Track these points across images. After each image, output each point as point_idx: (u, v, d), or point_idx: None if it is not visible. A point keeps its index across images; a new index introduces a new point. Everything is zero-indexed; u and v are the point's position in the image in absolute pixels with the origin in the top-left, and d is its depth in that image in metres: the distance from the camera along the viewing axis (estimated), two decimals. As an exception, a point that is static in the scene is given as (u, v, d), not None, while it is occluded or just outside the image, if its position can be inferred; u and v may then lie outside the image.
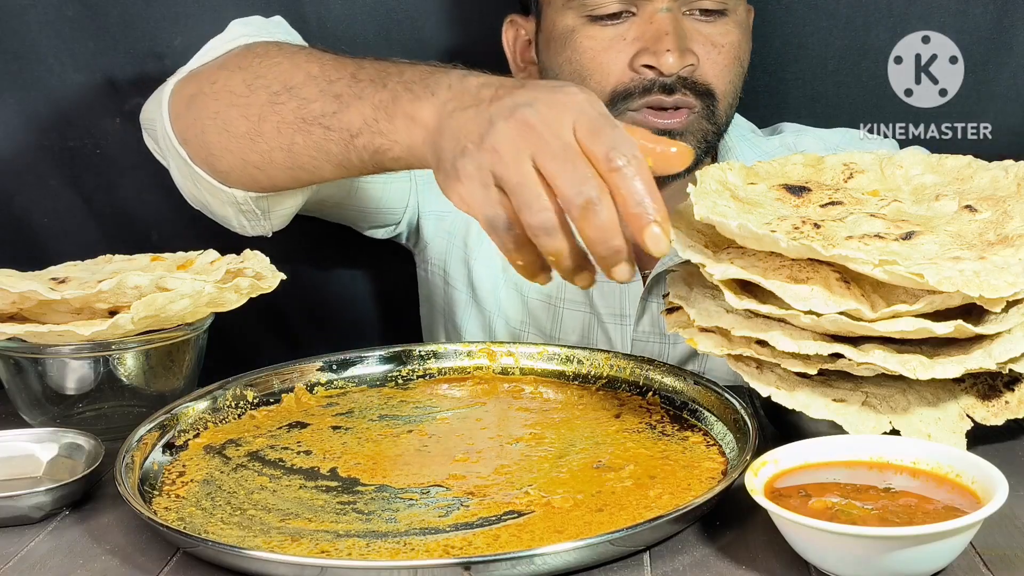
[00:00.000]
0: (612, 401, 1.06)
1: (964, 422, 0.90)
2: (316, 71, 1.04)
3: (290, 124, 1.04)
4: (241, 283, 1.05)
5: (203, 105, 1.11)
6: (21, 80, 1.47)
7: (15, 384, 1.05)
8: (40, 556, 0.83)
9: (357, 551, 0.80)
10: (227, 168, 1.11)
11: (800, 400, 0.89)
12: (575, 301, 1.36)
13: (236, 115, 1.08)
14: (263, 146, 1.07)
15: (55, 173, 1.49)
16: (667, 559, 0.79)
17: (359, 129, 0.98)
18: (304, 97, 1.03)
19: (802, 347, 0.87)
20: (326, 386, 1.11)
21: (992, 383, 0.92)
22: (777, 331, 0.88)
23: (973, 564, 0.76)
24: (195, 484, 0.92)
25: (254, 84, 1.07)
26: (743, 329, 0.89)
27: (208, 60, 1.15)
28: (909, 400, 0.90)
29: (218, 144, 1.10)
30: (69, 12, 1.45)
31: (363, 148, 0.99)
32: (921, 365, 0.85)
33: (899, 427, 0.89)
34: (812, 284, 0.87)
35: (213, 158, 1.11)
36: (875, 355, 0.86)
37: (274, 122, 1.05)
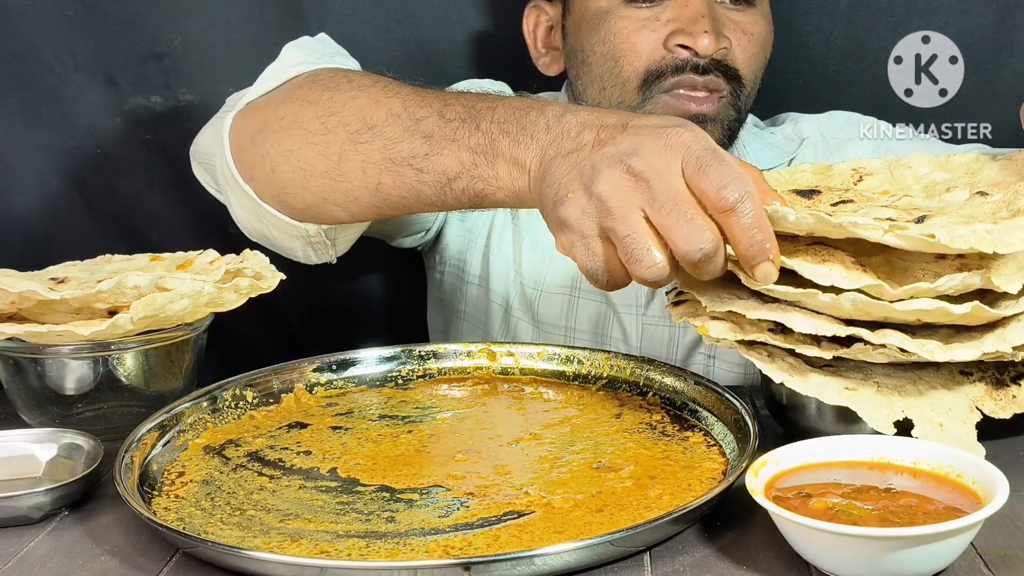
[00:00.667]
0: (612, 401, 1.06)
1: (974, 414, 0.90)
2: (398, 108, 1.00)
3: (376, 164, 1.00)
4: (241, 283, 1.05)
5: (273, 142, 1.06)
6: (21, 80, 1.47)
7: (14, 384, 1.05)
8: (39, 556, 0.83)
9: (357, 551, 0.80)
10: (303, 206, 1.07)
11: (814, 387, 0.89)
12: (591, 291, 1.36)
13: (313, 153, 1.04)
14: (346, 186, 1.03)
15: (55, 173, 1.49)
16: (667, 559, 0.79)
17: (457, 173, 0.96)
18: (389, 137, 1.00)
19: (819, 328, 0.86)
20: (326, 386, 1.11)
21: (999, 377, 0.92)
22: (794, 312, 0.88)
23: (974, 564, 0.76)
24: (194, 484, 0.92)
25: (329, 121, 1.03)
26: (759, 312, 0.89)
27: (268, 90, 1.11)
28: (920, 390, 0.90)
29: (293, 182, 1.06)
30: (69, 12, 1.45)
31: (461, 192, 0.97)
32: (938, 348, 0.85)
33: (911, 415, 0.89)
34: (830, 265, 0.87)
35: (287, 195, 1.07)
36: (893, 337, 0.86)
37: (358, 162, 1.01)
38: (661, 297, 1.34)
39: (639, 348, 1.36)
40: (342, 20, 1.47)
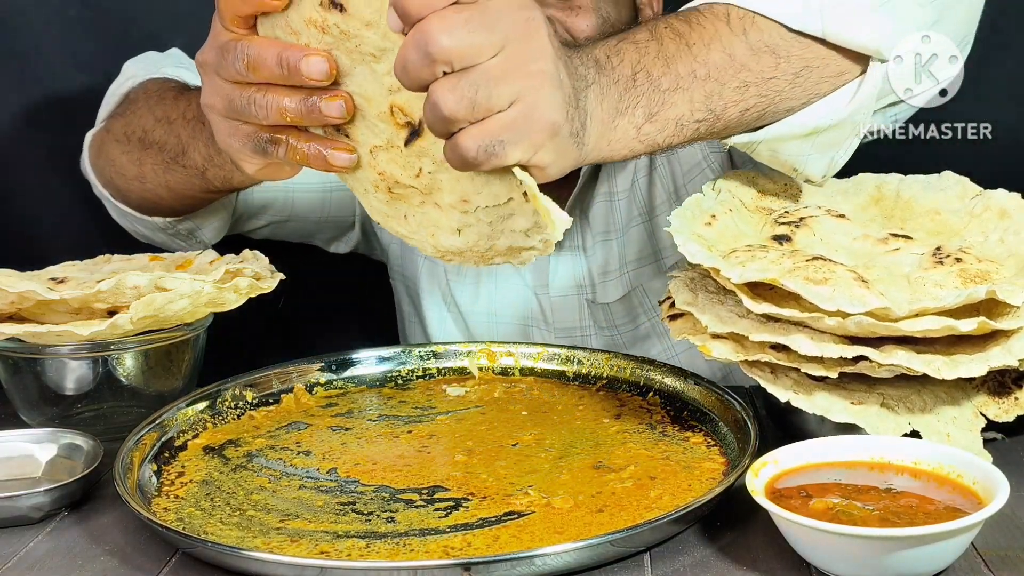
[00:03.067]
0: (612, 401, 1.06)
1: (978, 420, 0.90)
2: (160, 114, 1.16)
3: (160, 166, 1.15)
4: (240, 283, 1.04)
5: (106, 152, 1.23)
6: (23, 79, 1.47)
7: (14, 384, 1.05)
8: (39, 556, 0.83)
9: (357, 551, 0.80)
10: (136, 203, 1.23)
11: (819, 404, 0.89)
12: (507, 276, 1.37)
13: (125, 161, 1.19)
14: (150, 185, 1.18)
15: (56, 172, 1.49)
16: (667, 560, 0.79)
17: (204, 165, 1.10)
18: (158, 141, 1.15)
19: (824, 350, 0.86)
20: (325, 386, 1.11)
21: (1001, 380, 0.92)
22: (798, 335, 0.87)
23: (974, 565, 0.76)
24: (194, 485, 0.92)
25: (128, 131, 1.19)
26: (761, 334, 0.88)
27: (110, 105, 1.26)
28: (925, 400, 0.90)
29: (123, 186, 1.22)
30: (71, 12, 1.45)
31: (214, 179, 1.11)
32: (945, 365, 0.84)
33: (918, 427, 0.89)
34: (832, 284, 0.87)
35: (123, 196, 1.23)
36: (898, 356, 0.85)
37: (150, 165, 1.16)
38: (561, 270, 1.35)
39: (553, 322, 1.37)
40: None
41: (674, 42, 0.89)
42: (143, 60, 1.32)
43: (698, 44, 0.89)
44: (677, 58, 0.89)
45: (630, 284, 1.35)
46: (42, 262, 1.15)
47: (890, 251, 0.96)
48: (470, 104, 0.73)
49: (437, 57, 0.72)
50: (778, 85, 0.92)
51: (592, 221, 1.35)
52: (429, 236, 0.86)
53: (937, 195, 1.03)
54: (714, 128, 0.92)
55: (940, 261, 0.92)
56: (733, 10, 0.91)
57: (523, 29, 0.75)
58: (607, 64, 0.86)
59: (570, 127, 0.79)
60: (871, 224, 1.02)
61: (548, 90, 0.76)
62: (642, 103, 0.87)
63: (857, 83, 0.95)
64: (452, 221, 0.84)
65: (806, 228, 0.99)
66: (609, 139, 0.86)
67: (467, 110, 0.73)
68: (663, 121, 0.88)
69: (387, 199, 0.86)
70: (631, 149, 0.88)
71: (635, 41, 0.89)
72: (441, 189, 0.82)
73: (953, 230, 1.00)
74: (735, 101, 0.91)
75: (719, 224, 0.99)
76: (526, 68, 0.75)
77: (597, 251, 1.35)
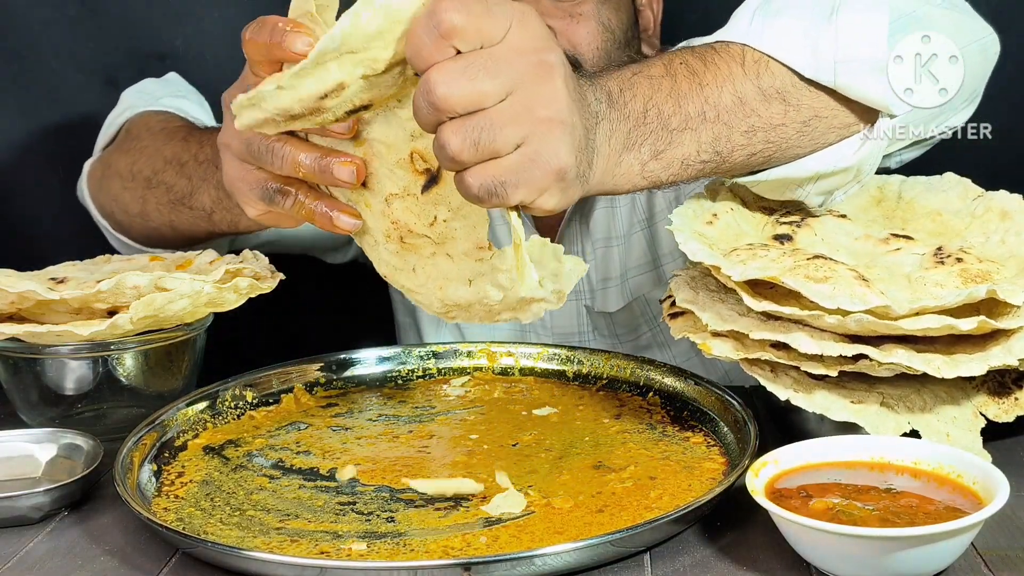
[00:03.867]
0: (612, 401, 1.06)
1: (978, 420, 0.90)
2: (170, 154, 1.16)
3: (165, 206, 1.16)
4: (240, 283, 1.04)
5: (107, 187, 1.24)
6: (22, 80, 1.47)
7: (14, 384, 1.05)
8: (39, 557, 0.83)
9: (357, 551, 0.80)
10: (137, 237, 1.24)
11: (819, 403, 0.89)
12: None
13: (128, 198, 1.20)
14: (153, 223, 1.19)
15: (56, 173, 1.49)
16: (668, 560, 0.79)
17: (211, 208, 1.11)
18: (167, 182, 1.15)
19: (824, 348, 0.86)
20: (325, 386, 1.11)
21: (1001, 380, 0.92)
22: (798, 332, 0.87)
23: (974, 565, 0.76)
24: (194, 485, 0.92)
25: (133, 169, 1.19)
26: (762, 332, 0.88)
27: (108, 135, 1.28)
28: (925, 400, 0.90)
29: (125, 221, 1.23)
30: (71, 12, 1.45)
31: (220, 222, 1.12)
32: (945, 364, 0.85)
33: (918, 427, 0.89)
34: (832, 283, 0.87)
35: (123, 230, 1.24)
36: (898, 355, 0.85)
37: (154, 204, 1.17)
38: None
39: (551, 327, 1.38)
40: (342, 20, 1.47)
41: (687, 80, 0.89)
42: (140, 90, 1.32)
43: (711, 85, 0.90)
44: (689, 97, 0.89)
45: (631, 293, 1.35)
46: (42, 262, 1.15)
47: (891, 251, 0.96)
48: (473, 146, 0.73)
49: (439, 106, 0.73)
50: (786, 133, 0.92)
51: (592, 228, 1.35)
52: (437, 289, 0.85)
53: (938, 196, 1.03)
54: (719, 169, 0.92)
55: (941, 261, 0.92)
56: (749, 52, 0.91)
57: (534, 73, 0.74)
58: (619, 99, 0.86)
59: (578, 170, 0.79)
60: (872, 225, 1.02)
61: (557, 135, 0.75)
62: (649, 140, 0.87)
63: (864, 135, 0.95)
64: (464, 271, 0.84)
65: (807, 228, 0.99)
66: (614, 173, 0.86)
67: (471, 152, 0.74)
68: (669, 160, 0.88)
69: (397, 249, 0.85)
70: (634, 184, 0.88)
71: (649, 76, 0.89)
72: (455, 238, 0.82)
73: (955, 231, 1.00)
74: (742, 145, 0.91)
75: (720, 223, 0.99)
76: (534, 113, 0.74)
77: (597, 257, 1.35)
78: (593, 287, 1.36)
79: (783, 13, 0.92)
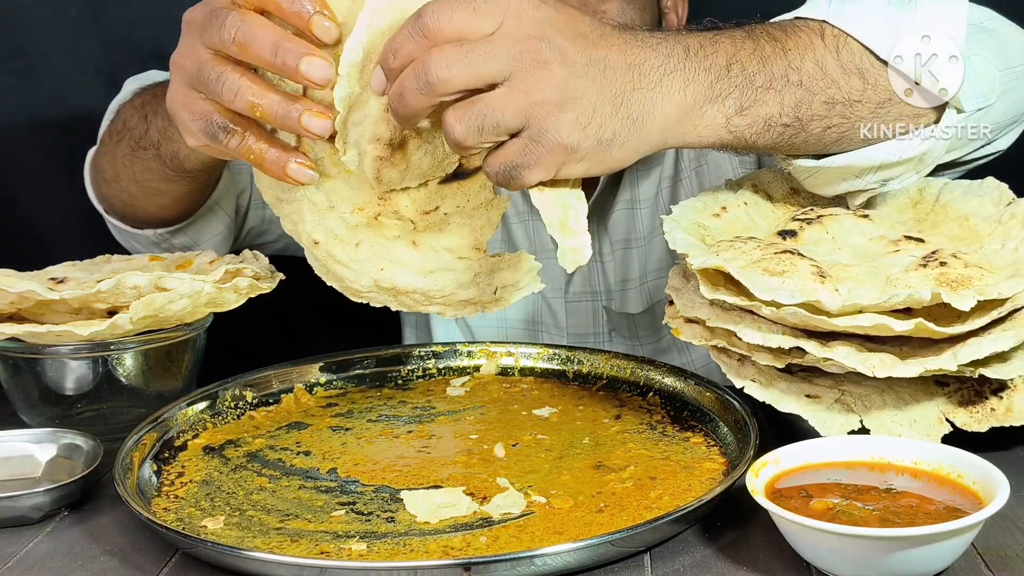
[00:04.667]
0: (612, 401, 1.06)
1: (942, 426, 0.89)
2: (138, 103, 1.16)
3: (127, 155, 1.15)
4: (240, 283, 1.04)
5: (94, 162, 1.24)
6: (25, 79, 1.47)
7: (14, 384, 1.05)
8: (39, 557, 0.83)
9: (357, 551, 0.80)
10: (119, 213, 1.23)
11: (771, 395, 0.90)
12: None
13: (105, 163, 1.20)
14: (123, 182, 1.18)
15: (57, 173, 1.49)
16: (668, 560, 0.79)
17: (158, 140, 1.09)
18: (131, 127, 1.14)
19: (767, 340, 0.88)
20: (325, 386, 1.11)
21: (979, 389, 0.91)
22: (745, 323, 0.89)
23: (974, 565, 0.76)
24: (194, 485, 0.92)
25: (111, 130, 1.20)
26: (717, 320, 0.91)
27: (106, 122, 1.26)
28: (885, 400, 0.90)
29: (106, 193, 1.22)
30: (73, 12, 1.45)
31: (166, 154, 1.09)
32: (882, 364, 0.85)
33: (870, 426, 0.89)
34: (786, 277, 0.88)
35: (110, 205, 1.23)
36: (838, 351, 0.86)
37: (119, 157, 1.16)
38: (578, 276, 1.38)
39: (567, 327, 1.39)
40: (342, 20, 1.47)
41: (770, 44, 0.90)
42: (143, 79, 1.31)
43: (793, 51, 0.90)
44: (773, 59, 0.89)
45: (650, 295, 1.35)
46: (42, 262, 1.15)
47: (891, 252, 0.95)
48: (477, 131, 0.76)
49: (436, 87, 0.74)
50: (862, 111, 0.92)
51: (611, 229, 1.35)
52: (377, 270, 0.86)
53: (973, 201, 1.01)
54: (795, 139, 0.92)
55: (925, 264, 0.91)
56: (828, 28, 0.92)
57: (531, 58, 0.77)
58: (699, 51, 0.86)
59: (597, 138, 0.80)
60: (899, 226, 1.01)
61: (555, 115, 0.78)
62: (734, 95, 0.87)
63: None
64: (428, 262, 0.87)
65: (819, 225, 0.99)
66: (695, 123, 0.86)
67: (475, 137, 0.77)
68: (753, 117, 0.88)
69: (357, 222, 0.85)
70: (719, 137, 0.88)
71: (731, 36, 0.89)
72: (444, 231, 0.85)
73: (977, 236, 0.98)
74: (821, 115, 0.91)
75: (728, 216, 1.00)
76: (531, 97, 0.77)
77: (616, 259, 1.35)
78: (611, 288, 1.37)
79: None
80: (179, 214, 1.21)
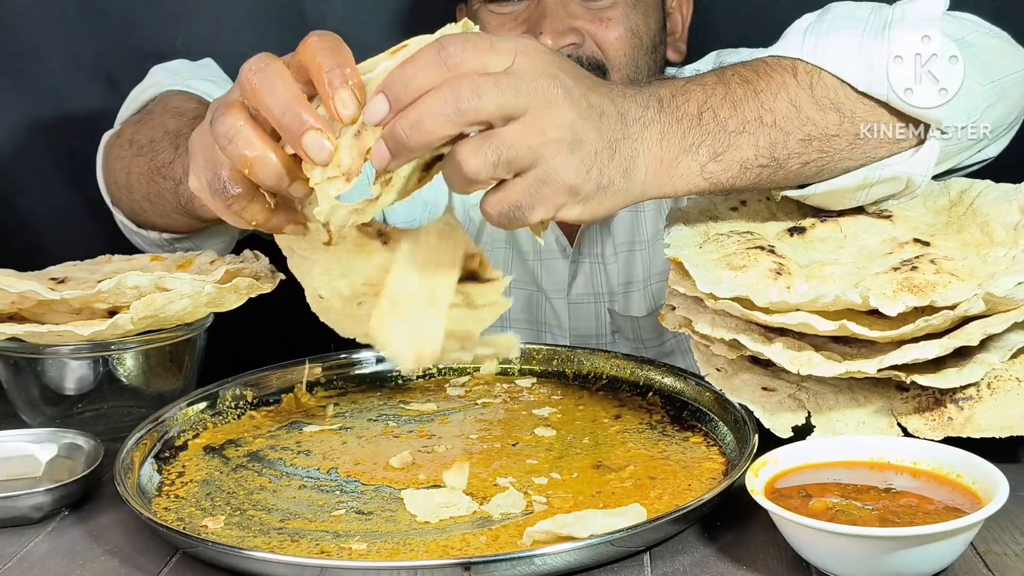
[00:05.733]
0: (612, 401, 1.06)
1: (892, 430, 0.89)
2: (172, 127, 1.13)
3: (145, 175, 1.14)
4: (240, 283, 1.04)
5: (109, 158, 1.22)
6: (23, 80, 1.47)
7: (14, 384, 1.05)
8: (39, 556, 0.83)
9: (357, 551, 0.80)
10: (127, 215, 1.21)
11: (732, 385, 0.93)
12: (520, 281, 1.41)
13: (118, 168, 1.19)
14: (136, 195, 1.17)
15: (56, 173, 1.49)
16: (667, 559, 0.79)
17: (180, 178, 1.07)
18: (157, 150, 1.12)
19: (714, 332, 0.90)
20: (326, 386, 1.11)
21: (939, 397, 0.90)
22: (704, 314, 0.91)
23: (974, 564, 0.76)
24: (195, 484, 0.92)
25: (133, 139, 1.17)
26: (683, 310, 0.94)
27: (130, 109, 1.25)
28: (839, 399, 0.91)
29: (115, 194, 1.22)
30: (71, 12, 1.45)
31: (182, 195, 1.08)
32: (807, 362, 0.86)
33: (816, 423, 0.90)
34: (741, 272, 0.90)
35: (119, 203, 1.22)
36: (772, 347, 0.88)
37: (137, 173, 1.15)
38: (581, 277, 1.38)
39: (569, 329, 1.39)
40: (343, 20, 1.47)
41: (742, 87, 0.90)
42: (171, 68, 1.30)
43: (765, 92, 0.91)
44: (744, 102, 0.90)
45: (654, 298, 1.35)
46: (42, 262, 1.15)
47: (886, 254, 0.95)
48: (492, 167, 0.76)
49: (467, 114, 0.74)
50: (839, 144, 0.93)
51: (615, 231, 1.35)
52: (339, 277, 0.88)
53: (1001, 206, 0.99)
54: (774, 177, 0.93)
55: (897, 267, 0.91)
56: (800, 64, 0.92)
57: (544, 96, 0.77)
58: (671, 103, 0.87)
59: (596, 182, 0.81)
60: (921, 228, 1.00)
61: (564, 154, 0.78)
62: (707, 142, 0.88)
63: (913, 150, 0.95)
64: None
65: (833, 223, 0.99)
66: (671, 175, 0.87)
67: (489, 172, 0.76)
68: (728, 162, 0.89)
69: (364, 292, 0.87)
70: (695, 186, 0.89)
71: (702, 83, 0.90)
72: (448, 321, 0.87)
73: (992, 242, 0.96)
74: (798, 153, 0.92)
75: (747, 209, 1.02)
76: (545, 135, 0.77)
77: (620, 261, 1.36)
78: (614, 290, 1.37)
79: (836, 31, 0.93)
80: (187, 232, 1.21)
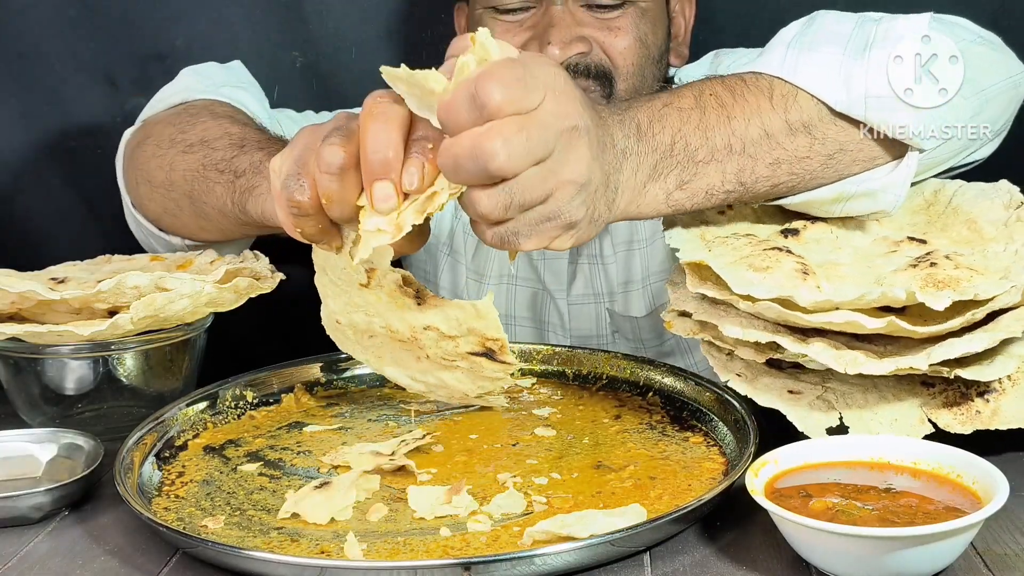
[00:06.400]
0: (612, 401, 1.06)
1: (924, 426, 0.89)
2: (236, 132, 1.12)
3: (194, 171, 1.11)
4: (240, 283, 1.05)
5: (139, 157, 1.19)
6: (23, 80, 1.47)
7: (14, 384, 1.05)
8: (40, 556, 0.83)
9: (357, 552, 0.80)
10: (153, 216, 1.19)
11: (757, 389, 0.91)
12: (526, 279, 1.41)
13: (155, 166, 1.15)
14: (175, 192, 1.14)
15: (56, 173, 1.49)
16: (667, 559, 0.79)
17: (244, 170, 1.06)
18: (214, 147, 1.11)
19: (747, 334, 0.89)
20: (326, 386, 1.11)
21: (965, 391, 0.90)
22: (729, 317, 0.90)
23: (974, 565, 0.76)
24: (194, 484, 0.92)
25: (176, 138, 1.15)
26: (703, 315, 0.92)
27: (157, 109, 1.23)
28: (868, 398, 0.91)
29: (145, 194, 1.18)
30: (71, 12, 1.45)
31: (241, 187, 1.05)
32: (854, 361, 0.85)
33: (849, 423, 0.89)
34: (768, 273, 0.89)
35: (142, 206, 1.20)
36: (813, 347, 0.87)
37: (182, 170, 1.12)
38: (580, 278, 1.38)
39: (570, 329, 1.39)
40: (343, 20, 1.47)
41: (716, 112, 0.91)
42: (201, 72, 1.29)
43: (738, 118, 0.91)
44: (716, 129, 0.90)
45: (653, 298, 1.35)
46: (42, 262, 1.15)
47: (888, 253, 0.95)
48: (504, 209, 0.77)
49: (496, 175, 0.75)
50: (810, 165, 0.93)
51: (613, 229, 1.35)
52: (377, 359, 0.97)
53: (983, 204, 1.00)
54: (743, 198, 0.94)
55: (915, 264, 0.91)
56: (778, 85, 0.92)
57: (566, 142, 0.78)
58: (648, 131, 0.88)
59: (590, 216, 0.82)
60: (905, 228, 1.01)
61: (574, 194, 0.79)
62: (675, 171, 0.89)
63: (892, 166, 0.96)
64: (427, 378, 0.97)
65: (823, 224, 0.99)
66: (638, 203, 0.88)
67: (500, 212, 0.77)
68: (693, 190, 0.90)
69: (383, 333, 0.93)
70: (657, 211, 0.90)
71: (680, 108, 0.90)
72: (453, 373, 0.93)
73: (982, 239, 0.97)
74: (766, 176, 0.92)
75: (733, 213, 1.01)
76: (559, 176, 0.78)
77: (619, 261, 1.36)
78: (614, 289, 1.37)
79: (817, 48, 0.93)
80: (217, 241, 1.18)
